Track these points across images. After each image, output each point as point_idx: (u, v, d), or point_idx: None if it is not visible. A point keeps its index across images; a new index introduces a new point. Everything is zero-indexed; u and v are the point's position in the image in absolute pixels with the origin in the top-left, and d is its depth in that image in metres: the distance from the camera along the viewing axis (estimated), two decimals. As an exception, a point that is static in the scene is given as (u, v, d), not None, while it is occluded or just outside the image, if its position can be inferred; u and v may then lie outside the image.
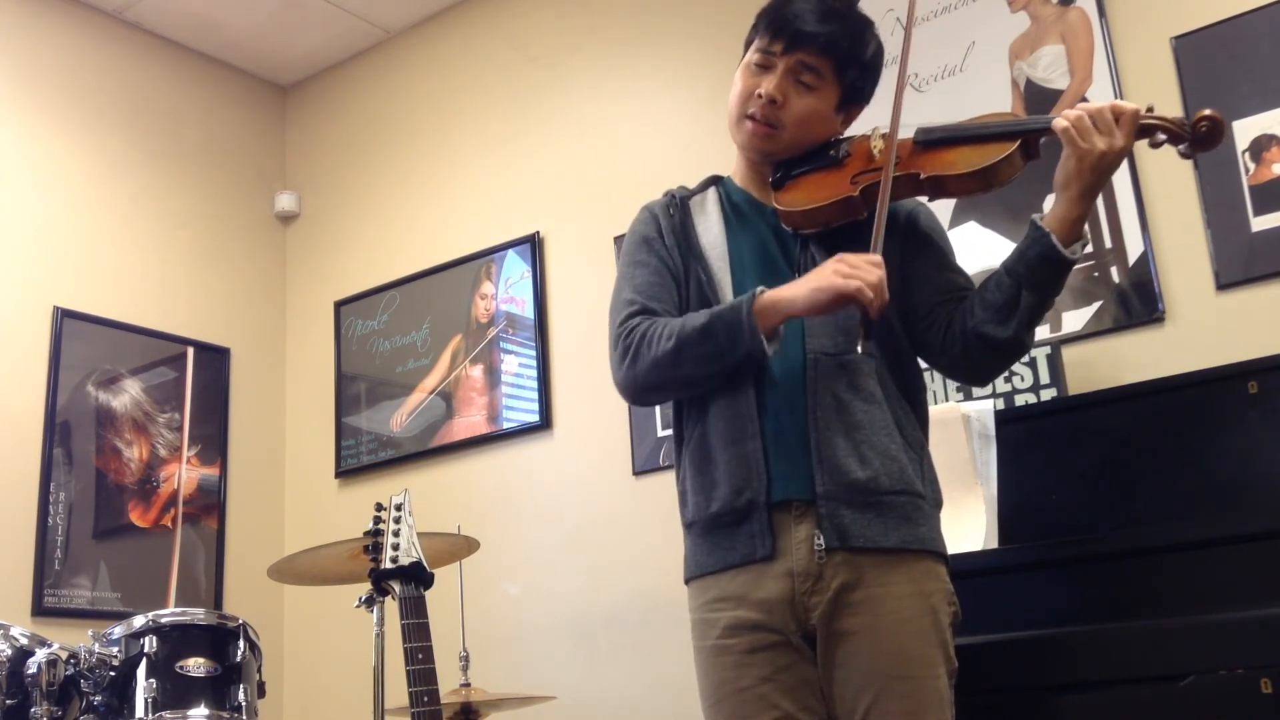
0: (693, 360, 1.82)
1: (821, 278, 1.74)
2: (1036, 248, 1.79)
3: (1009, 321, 1.82)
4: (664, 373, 1.84)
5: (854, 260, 1.73)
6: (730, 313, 1.78)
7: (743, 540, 1.81)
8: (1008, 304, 1.82)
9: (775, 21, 1.91)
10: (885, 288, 1.72)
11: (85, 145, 4.07)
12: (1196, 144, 1.75)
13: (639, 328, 1.87)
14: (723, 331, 1.78)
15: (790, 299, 1.76)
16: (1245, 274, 2.66)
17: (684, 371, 1.84)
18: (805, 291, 1.75)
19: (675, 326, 1.83)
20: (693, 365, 1.83)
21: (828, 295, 1.73)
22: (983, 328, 1.84)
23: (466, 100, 4.22)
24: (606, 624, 3.48)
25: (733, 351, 1.78)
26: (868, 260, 1.73)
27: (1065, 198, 1.78)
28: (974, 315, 1.86)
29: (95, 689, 2.42)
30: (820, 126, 1.95)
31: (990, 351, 1.87)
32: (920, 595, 1.79)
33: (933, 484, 1.89)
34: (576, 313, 3.75)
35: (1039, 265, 1.79)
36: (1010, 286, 1.82)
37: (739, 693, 1.79)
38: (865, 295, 1.70)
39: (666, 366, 1.83)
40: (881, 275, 1.72)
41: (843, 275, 1.71)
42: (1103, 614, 2.09)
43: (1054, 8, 3.05)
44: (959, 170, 1.84)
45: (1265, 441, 2.25)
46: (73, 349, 3.85)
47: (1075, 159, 1.75)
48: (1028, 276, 1.80)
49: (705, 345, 1.79)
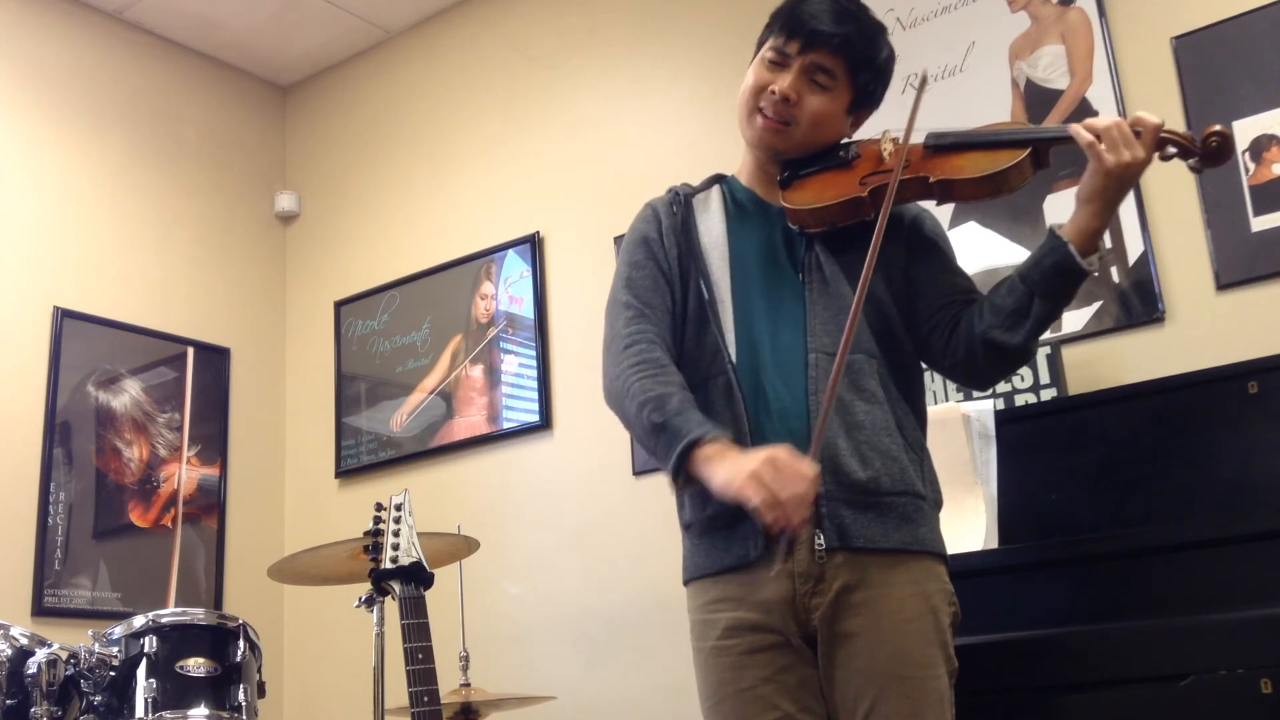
0: (639, 437, 1.85)
1: (739, 474, 1.65)
2: (1053, 257, 1.80)
3: (1019, 328, 1.83)
4: (623, 419, 1.88)
5: (785, 467, 1.63)
6: (674, 436, 1.75)
7: (737, 542, 1.81)
8: (1019, 310, 1.83)
9: (791, 21, 1.92)
10: (804, 506, 1.63)
11: (85, 145, 4.07)
12: (1206, 159, 1.77)
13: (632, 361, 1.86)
14: (662, 445, 1.77)
15: (710, 474, 1.70)
16: (1245, 274, 2.66)
17: (634, 433, 1.88)
18: (720, 479, 1.68)
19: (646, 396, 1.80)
20: (639, 438, 1.86)
21: (732, 494, 1.66)
22: (991, 333, 1.85)
23: (466, 100, 4.22)
24: (606, 624, 3.48)
25: (662, 464, 1.79)
26: (799, 472, 1.63)
27: (1089, 210, 1.79)
28: (983, 319, 1.86)
29: (95, 689, 2.42)
30: (831, 127, 1.96)
31: (997, 357, 1.87)
32: (921, 595, 1.79)
33: (933, 484, 1.89)
34: (576, 313, 3.75)
35: (1054, 275, 1.80)
36: (1023, 294, 1.82)
37: (739, 693, 1.78)
38: (763, 515, 1.63)
39: (625, 419, 1.87)
40: (802, 492, 1.62)
41: (758, 480, 1.62)
42: (1103, 614, 2.09)
43: (1054, 8, 3.05)
44: (968, 175, 1.84)
45: (1265, 441, 2.25)
46: (73, 349, 3.85)
47: (1103, 173, 1.76)
48: (1042, 285, 1.81)
49: (648, 439, 1.81)
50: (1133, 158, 1.74)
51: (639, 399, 1.81)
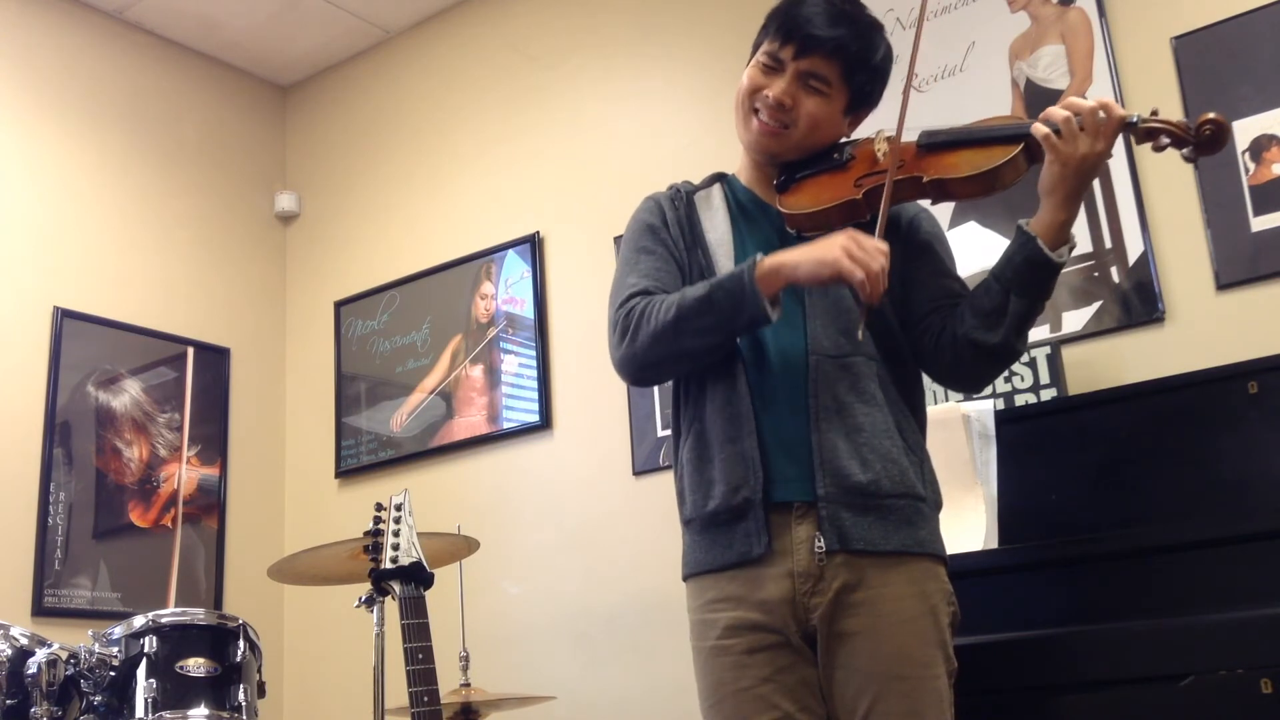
0: (693, 331, 1.80)
1: (829, 251, 1.73)
2: (1023, 253, 1.79)
3: (998, 327, 1.82)
4: (664, 347, 1.83)
5: (864, 242, 1.73)
6: (731, 280, 1.78)
7: (739, 539, 1.81)
8: (996, 310, 1.82)
9: (785, 25, 1.90)
10: (885, 278, 1.72)
11: (85, 145, 4.07)
12: (1200, 147, 1.75)
13: (637, 306, 1.87)
14: (724, 299, 1.77)
15: (793, 265, 1.75)
16: (1245, 274, 2.66)
17: (684, 344, 1.82)
18: (809, 261, 1.75)
19: (674, 299, 1.82)
20: (693, 336, 1.81)
21: (829, 271, 1.73)
22: (972, 334, 1.84)
23: (466, 100, 4.22)
24: (606, 624, 3.48)
25: (735, 318, 1.77)
26: (877, 246, 1.73)
27: (1051, 202, 1.77)
28: (964, 321, 1.86)
29: (95, 689, 2.42)
30: (828, 129, 1.95)
31: (980, 357, 1.86)
32: (920, 596, 1.79)
33: (933, 486, 1.89)
34: (576, 313, 3.75)
35: (1026, 270, 1.79)
36: (999, 292, 1.82)
37: (738, 693, 1.78)
38: (865, 287, 1.71)
39: (667, 340, 1.81)
40: (885, 265, 1.72)
41: (849, 255, 1.71)
42: (1103, 614, 2.09)
43: (1054, 8, 3.05)
44: (962, 173, 1.83)
45: (1265, 441, 2.25)
46: (73, 349, 3.85)
47: (1059, 164, 1.74)
48: (1015, 281, 1.80)
49: (706, 314, 1.78)
50: (1090, 149, 1.73)
51: (667, 316, 1.80)
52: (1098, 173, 1.78)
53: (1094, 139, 1.72)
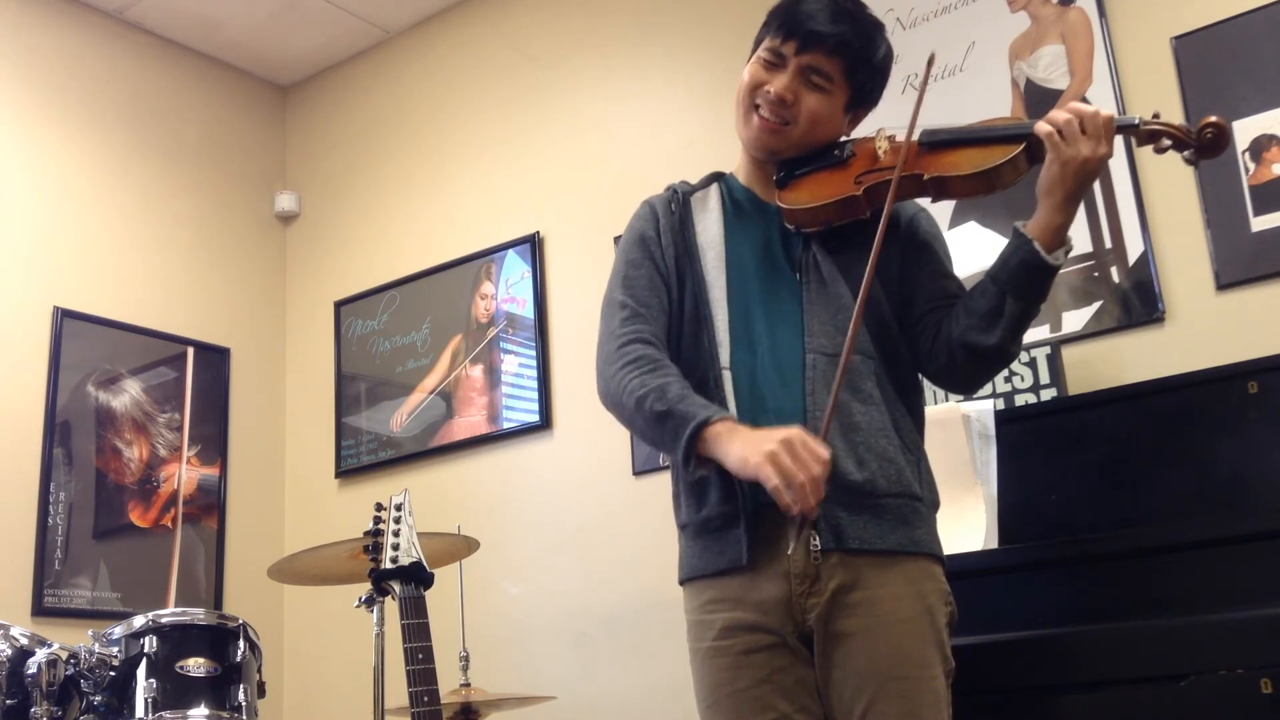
0: (641, 430, 1.86)
1: (760, 449, 1.65)
2: (1019, 255, 1.78)
3: (993, 329, 1.81)
4: (622, 417, 1.89)
5: (800, 450, 1.64)
6: (681, 420, 1.75)
7: (731, 545, 1.81)
8: (992, 311, 1.81)
9: (788, 21, 1.90)
10: (819, 487, 1.63)
11: (85, 145, 4.07)
12: (1201, 150, 1.76)
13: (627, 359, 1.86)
14: (669, 432, 1.77)
15: (725, 452, 1.71)
16: (1245, 274, 2.66)
17: (636, 429, 1.89)
18: (737, 457, 1.69)
19: (646, 390, 1.80)
20: (641, 433, 1.88)
21: (751, 472, 1.67)
22: (967, 335, 1.84)
23: (466, 100, 4.22)
24: (606, 624, 3.48)
25: (671, 452, 1.80)
26: (815, 455, 1.64)
27: (1048, 204, 1.77)
28: (959, 323, 1.85)
29: (95, 689, 2.42)
30: (829, 126, 1.95)
31: (975, 359, 1.86)
32: (917, 596, 1.79)
33: (930, 486, 1.89)
34: (576, 313, 3.75)
35: (1022, 272, 1.79)
36: (994, 294, 1.81)
37: (735, 694, 1.78)
38: (784, 497, 1.63)
39: (625, 417, 1.87)
40: (819, 475, 1.63)
41: (775, 463, 1.63)
42: (1103, 614, 2.09)
43: (1054, 8, 3.05)
44: (962, 172, 1.83)
45: (1265, 441, 2.25)
46: (73, 349, 3.85)
47: (1059, 164, 1.74)
48: (1011, 284, 1.80)
49: (653, 428, 1.81)
50: (1092, 152, 1.72)
51: (638, 393, 1.81)
52: (1096, 177, 1.77)
53: (1095, 142, 1.72)
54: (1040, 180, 1.78)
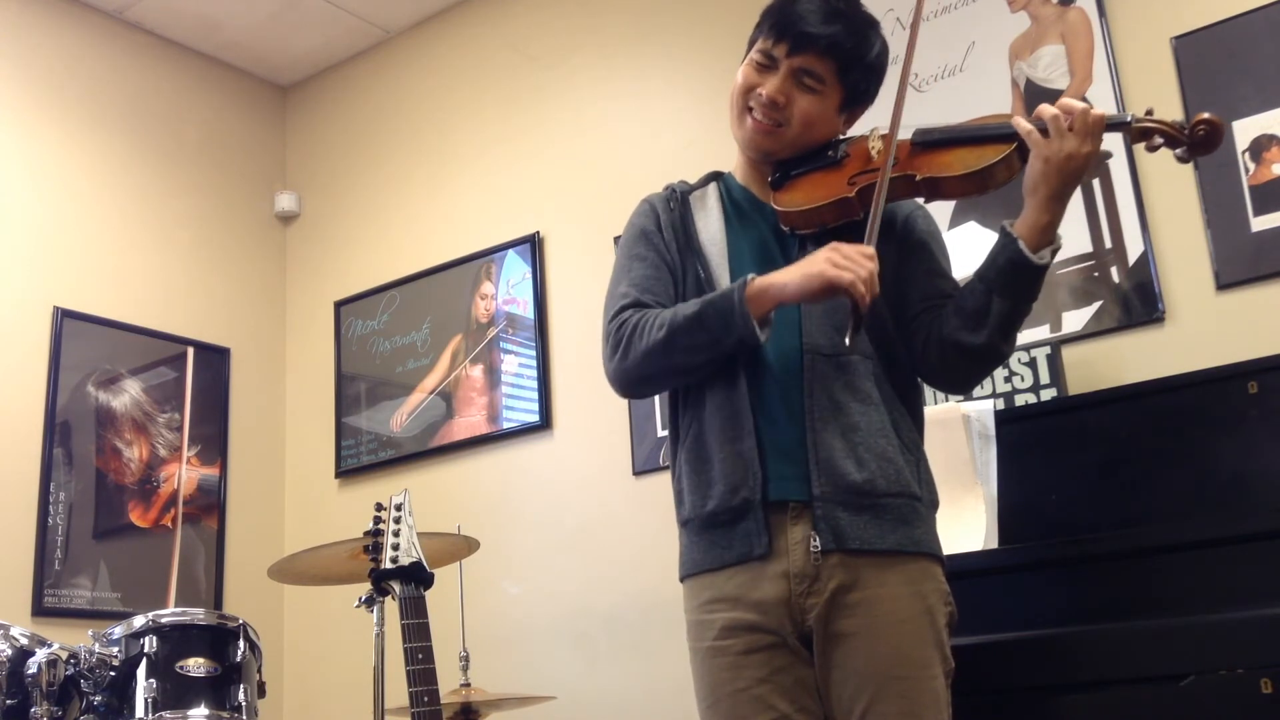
0: (684, 349, 1.82)
1: (814, 265, 1.73)
2: (1006, 254, 1.78)
3: (981, 329, 1.81)
4: (655, 362, 1.84)
5: (848, 251, 1.72)
6: (722, 300, 1.78)
7: (739, 538, 1.81)
8: (980, 311, 1.81)
9: (779, 22, 1.90)
10: (876, 281, 1.71)
11: (85, 145, 4.07)
12: (1194, 148, 1.74)
13: (629, 320, 1.87)
14: (714, 318, 1.77)
15: (781, 284, 1.75)
16: (1245, 274, 2.66)
17: (676, 360, 1.84)
18: (797, 278, 1.74)
19: (666, 316, 1.83)
20: (684, 354, 1.82)
21: (819, 283, 1.72)
22: (956, 334, 1.83)
23: (466, 100, 4.22)
24: (606, 624, 3.48)
25: (725, 338, 1.78)
26: (861, 252, 1.72)
27: (1033, 202, 1.76)
28: (949, 322, 1.85)
29: (95, 689, 2.42)
30: (823, 127, 1.94)
31: (964, 359, 1.85)
32: (917, 596, 1.79)
33: (929, 485, 1.89)
34: (576, 313, 3.75)
35: (1009, 271, 1.78)
36: (982, 293, 1.80)
37: (735, 694, 1.78)
38: (857, 289, 1.69)
39: (658, 356, 1.83)
40: (873, 268, 1.71)
41: (835, 265, 1.70)
42: (1103, 614, 2.09)
43: (1054, 8, 3.05)
44: (955, 172, 1.83)
45: (1265, 441, 2.25)
46: (73, 349, 3.85)
47: (1041, 161, 1.73)
48: (998, 283, 1.79)
49: (697, 333, 1.79)
50: (1076, 148, 1.71)
51: (659, 333, 1.81)
52: (1084, 175, 1.76)
53: (1081, 139, 1.71)
54: (1025, 177, 1.77)
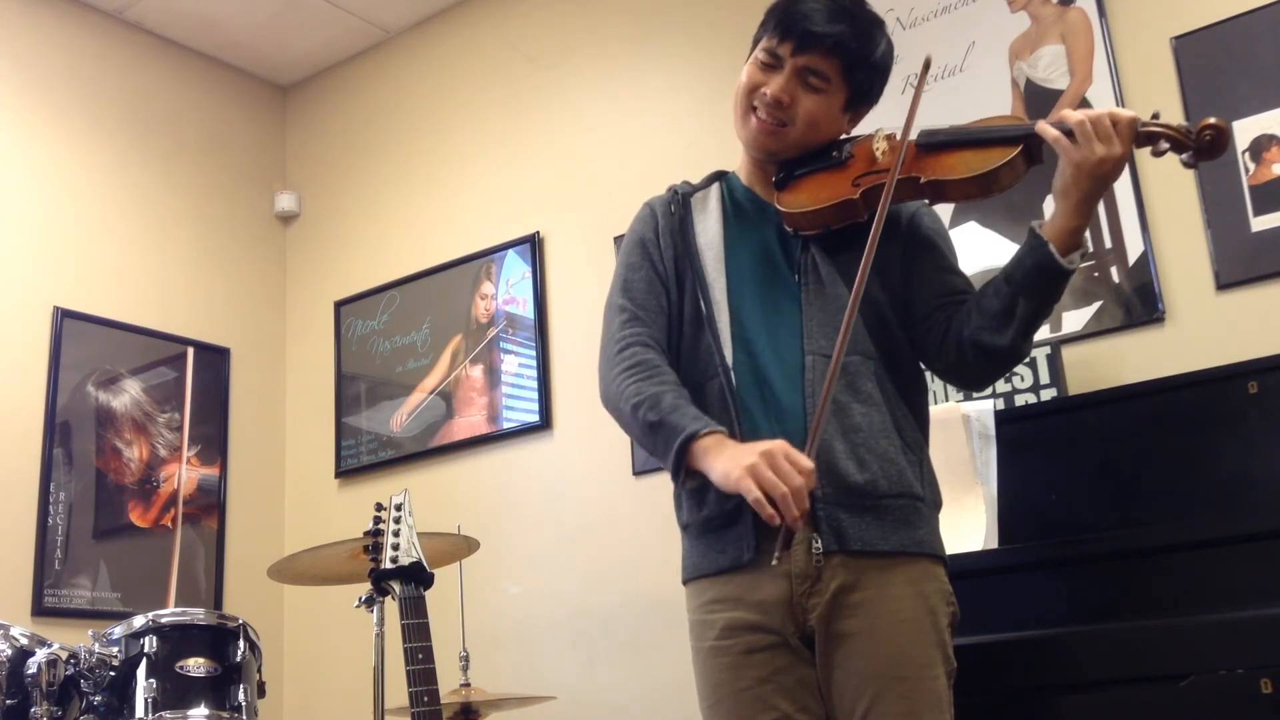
0: (637, 437, 1.89)
1: (737, 466, 1.66)
2: (1034, 256, 1.77)
3: (1006, 330, 1.81)
4: (620, 421, 1.91)
5: (781, 463, 1.64)
6: (671, 432, 1.77)
7: (731, 544, 1.81)
8: (1005, 312, 1.80)
9: (784, 21, 1.89)
10: (804, 498, 1.63)
11: (85, 145, 4.07)
12: (1200, 153, 1.73)
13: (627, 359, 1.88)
14: (660, 442, 1.80)
15: (709, 466, 1.72)
16: (1245, 274, 2.66)
17: (631, 434, 1.92)
18: (720, 471, 1.70)
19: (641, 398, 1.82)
20: (637, 439, 1.91)
21: (730, 487, 1.68)
22: (979, 335, 1.83)
23: (466, 100, 4.22)
24: (606, 624, 3.48)
25: (662, 461, 1.82)
26: (797, 466, 1.64)
27: (1065, 206, 1.75)
28: (971, 322, 1.85)
29: (95, 689, 2.42)
30: (827, 127, 1.94)
31: (986, 359, 1.85)
32: (918, 596, 1.78)
33: (931, 486, 1.89)
34: (576, 313, 3.75)
35: (1036, 274, 1.77)
36: (1008, 295, 1.80)
37: (737, 694, 1.78)
38: (763, 508, 1.63)
39: (622, 422, 1.90)
40: (799, 486, 1.62)
41: (755, 474, 1.63)
42: (1103, 614, 2.09)
43: (1054, 8, 3.05)
44: (960, 175, 1.82)
45: (1265, 441, 2.25)
46: (73, 349, 3.85)
47: (1073, 166, 1.72)
48: (1025, 285, 1.79)
49: (646, 437, 1.83)
50: (1107, 153, 1.70)
51: (633, 400, 1.82)
52: (1114, 178, 1.75)
53: (1109, 143, 1.70)
54: (1055, 183, 1.76)
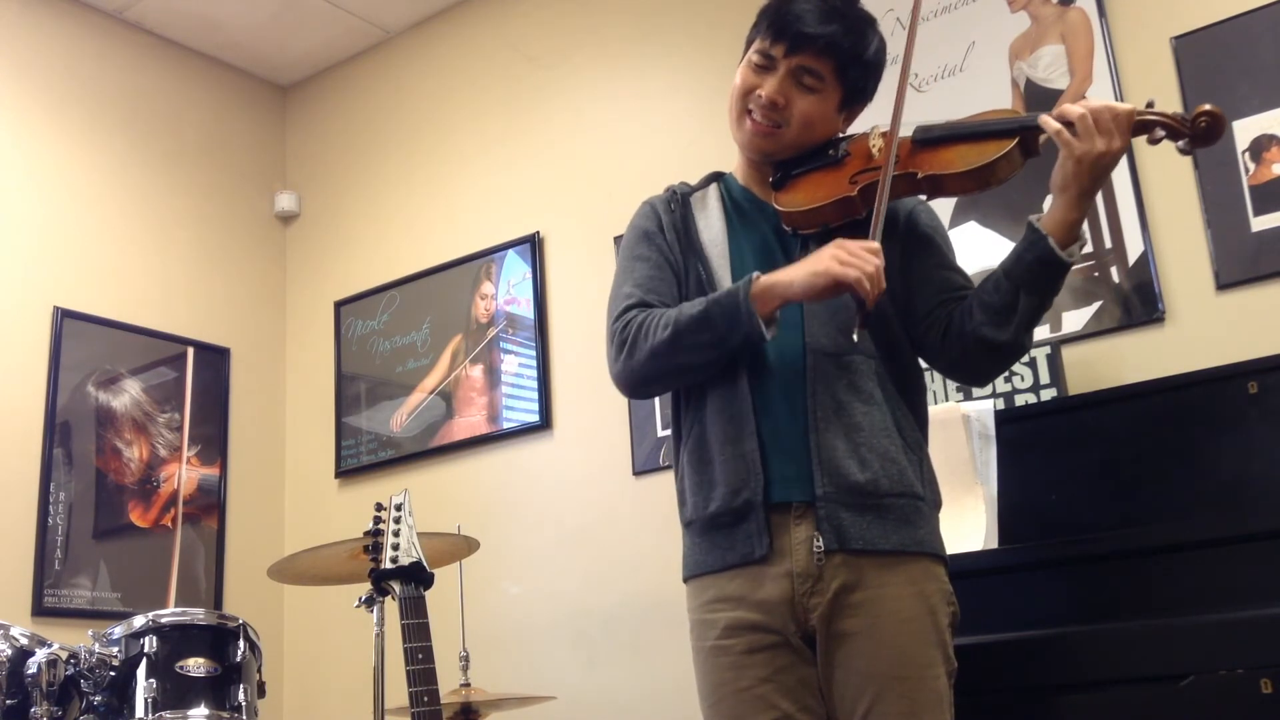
0: (690, 348, 1.81)
1: (820, 263, 1.73)
2: (1034, 251, 1.78)
3: (1007, 325, 1.82)
4: (661, 362, 1.84)
5: (853, 247, 1.72)
6: (727, 298, 1.78)
7: (740, 540, 1.81)
8: (1006, 307, 1.81)
9: (776, 22, 1.90)
10: (882, 276, 1.72)
11: (85, 145, 4.07)
12: (1196, 139, 1.73)
13: (634, 320, 1.87)
14: (720, 317, 1.77)
15: (787, 283, 1.75)
16: (1245, 274, 2.66)
17: (681, 360, 1.83)
18: (803, 276, 1.74)
19: (671, 316, 1.82)
20: (690, 353, 1.82)
21: (825, 280, 1.72)
22: (981, 330, 1.84)
23: (466, 100, 4.22)
24: (606, 624, 3.48)
25: (731, 337, 1.78)
26: (866, 248, 1.72)
27: (1063, 200, 1.76)
28: (972, 318, 1.85)
29: (95, 689, 2.42)
30: (822, 126, 1.95)
31: (989, 354, 1.86)
32: (919, 596, 1.79)
33: (932, 485, 1.89)
34: (576, 313, 3.75)
35: (1036, 268, 1.78)
36: (1008, 290, 1.81)
37: (738, 693, 1.78)
38: (863, 285, 1.70)
39: (664, 356, 1.83)
40: (879, 264, 1.71)
41: (841, 262, 1.71)
42: (1103, 614, 2.09)
43: (1054, 8, 3.05)
44: (956, 169, 1.83)
45: (1265, 441, 2.25)
46: (73, 349, 3.85)
47: (1074, 160, 1.73)
48: (1026, 279, 1.80)
49: (702, 332, 1.79)
50: (1107, 147, 1.72)
51: (664, 332, 1.81)
52: (1111, 171, 1.77)
53: (1109, 137, 1.71)
54: (1054, 176, 1.77)
